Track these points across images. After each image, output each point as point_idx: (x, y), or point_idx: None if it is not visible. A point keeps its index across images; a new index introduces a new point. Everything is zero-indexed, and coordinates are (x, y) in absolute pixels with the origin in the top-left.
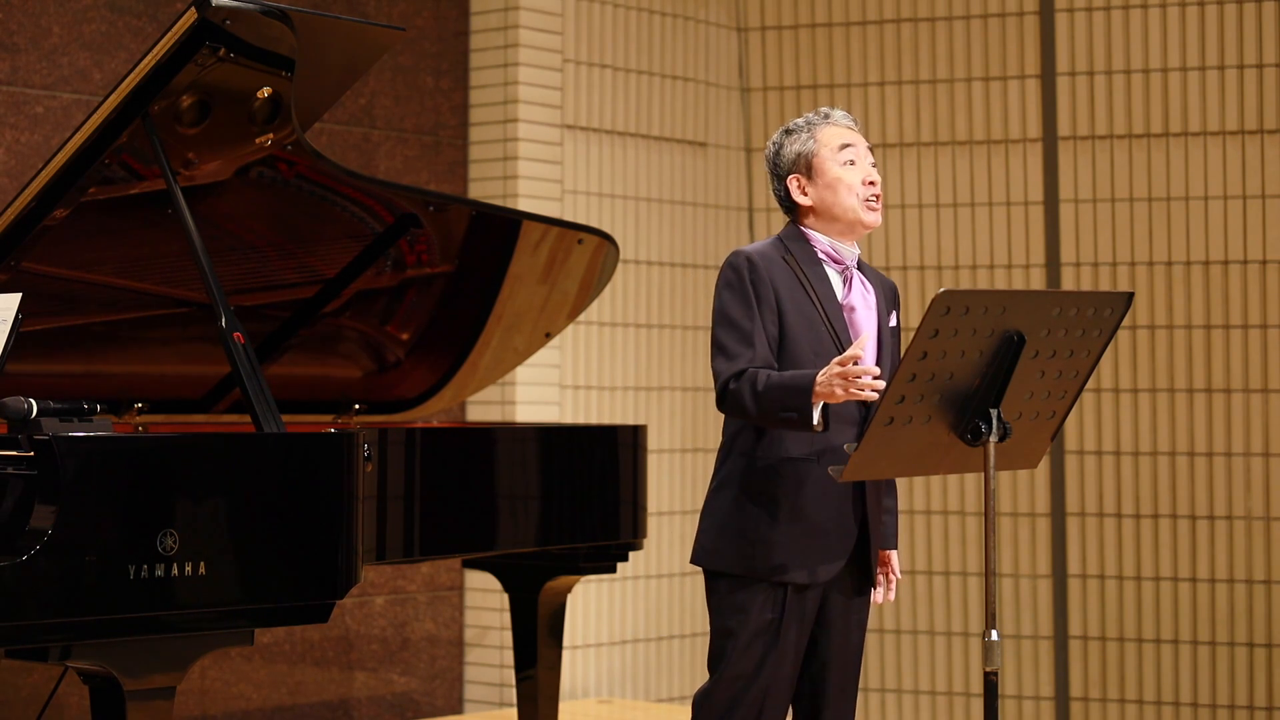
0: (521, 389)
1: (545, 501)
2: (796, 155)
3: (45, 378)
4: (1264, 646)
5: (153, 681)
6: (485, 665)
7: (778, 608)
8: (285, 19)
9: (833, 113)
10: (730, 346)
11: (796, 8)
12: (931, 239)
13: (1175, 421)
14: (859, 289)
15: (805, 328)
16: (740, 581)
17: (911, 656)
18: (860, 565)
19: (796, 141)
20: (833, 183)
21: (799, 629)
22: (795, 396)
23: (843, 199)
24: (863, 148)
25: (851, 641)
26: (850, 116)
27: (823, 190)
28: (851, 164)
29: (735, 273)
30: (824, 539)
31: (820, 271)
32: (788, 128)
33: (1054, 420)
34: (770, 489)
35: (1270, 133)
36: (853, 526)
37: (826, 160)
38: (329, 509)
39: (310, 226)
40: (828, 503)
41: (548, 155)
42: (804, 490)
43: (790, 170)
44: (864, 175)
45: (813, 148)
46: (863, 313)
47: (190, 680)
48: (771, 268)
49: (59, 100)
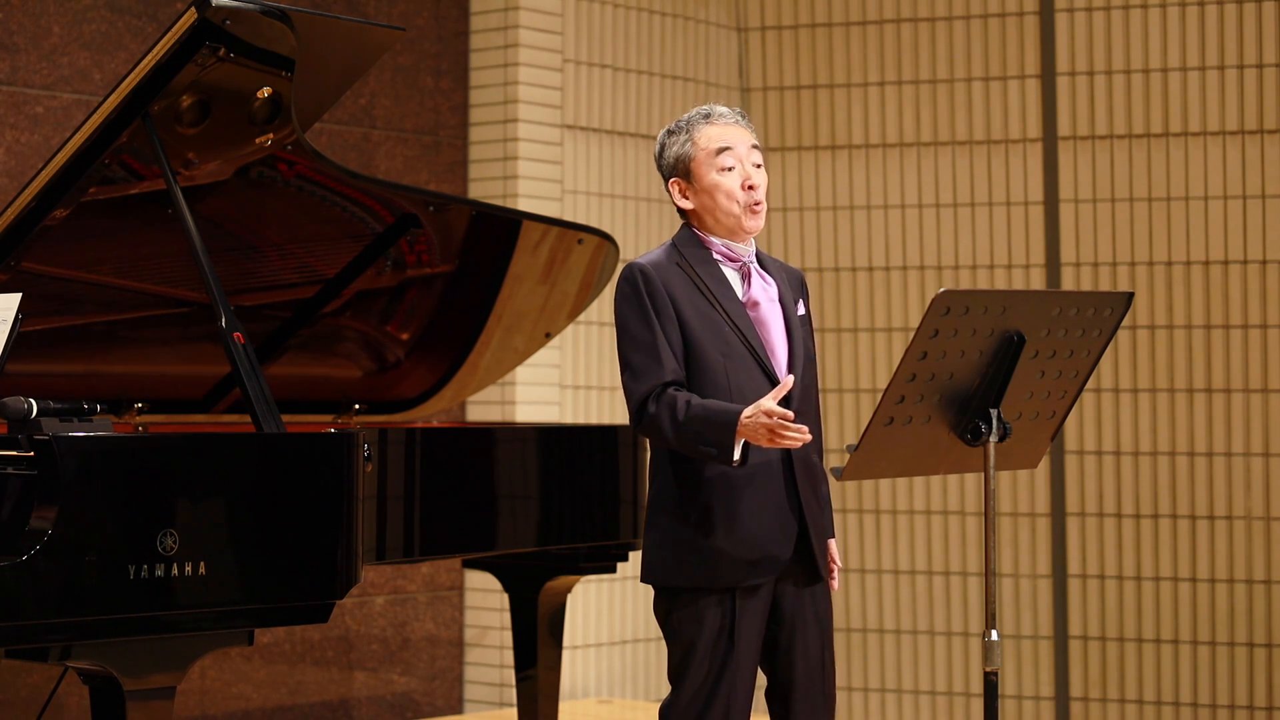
0: (521, 389)
1: (545, 501)
2: (676, 159)
3: (45, 378)
4: (1264, 646)
5: (153, 681)
6: (485, 665)
7: (729, 613)
8: (285, 19)
9: (714, 110)
10: (637, 364)
11: (796, 8)
12: (931, 239)
13: (1175, 421)
14: (759, 283)
15: (710, 332)
16: (691, 594)
17: (911, 656)
18: (805, 557)
19: (676, 144)
20: (711, 189)
21: (754, 631)
22: (717, 432)
23: (723, 205)
24: (744, 147)
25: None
26: (736, 112)
27: (702, 195)
28: (729, 170)
29: (630, 286)
30: (764, 539)
31: (716, 272)
32: (670, 128)
33: (1054, 420)
34: (704, 500)
35: (1270, 133)
36: (792, 521)
37: (704, 165)
38: (329, 509)
39: (310, 226)
40: (763, 504)
41: (548, 155)
42: (737, 495)
43: (672, 173)
44: (743, 179)
45: (690, 151)
46: (766, 306)
47: (190, 680)
48: (667, 276)
49: (59, 100)
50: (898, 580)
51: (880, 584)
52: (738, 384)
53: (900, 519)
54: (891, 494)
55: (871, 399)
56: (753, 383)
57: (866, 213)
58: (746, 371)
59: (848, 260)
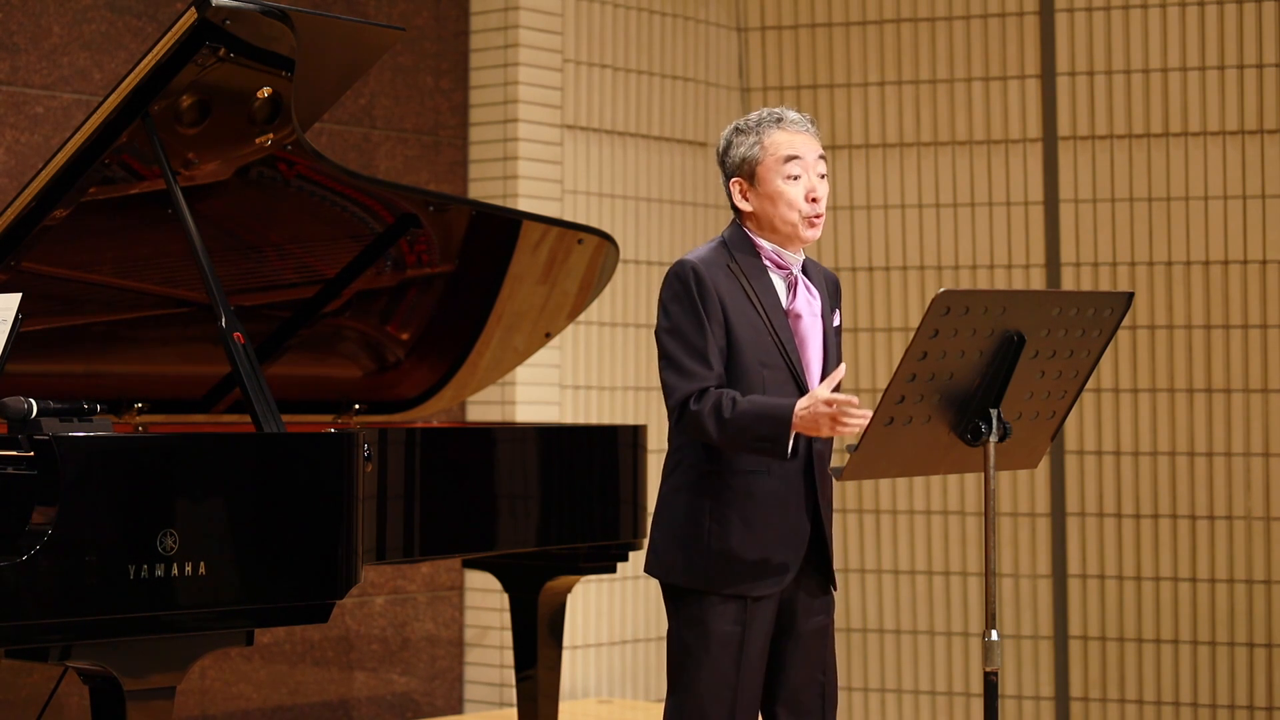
0: (521, 389)
1: (545, 501)
2: (742, 160)
3: (45, 378)
4: (1264, 646)
5: (153, 681)
6: (485, 665)
7: (739, 620)
8: (285, 19)
9: (786, 115)
10: (685, 364)
11: (796, 8)
12: (931, 239)
13: (1175, 421)
14: (804, 295)
15: (751, 337)
16: (698, 595)
17: (911, 656)
18: (820, 566)
19: (744, 145)
20: (774, 195)
21: (762, 639)
22: (772, 426)
23: (783, 213)
24: (812, 158)
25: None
26: (806, 119)
27: (764, 200)
28: (795, 179)
29: (682, 284)
30: (779, 546)
31: (765, 279)
32: (738, 125)
33: (1054, 420)
34: (721, 501)
35: (1270, 133)
36: (807, 528)
37: (770, 171)
38: (329, 509)
39: (310, 226)
40: (780, 511)
41: (548, 155)
42: (755, 500)
43: (735, 173)
44: (808, 190)
45: (758, 154)
46: (808, 319)
47: (190, 680)
48: (716, 276)
49: (59, 100)
50: (898, 580)
51: (880, 584)
52: (772, 394)
53: (900, 519)
54: (891, 494)
55: (871, 399)
56: (785, 394)
57: (866, 213)
58: (781, 383)
59: (848, 260)
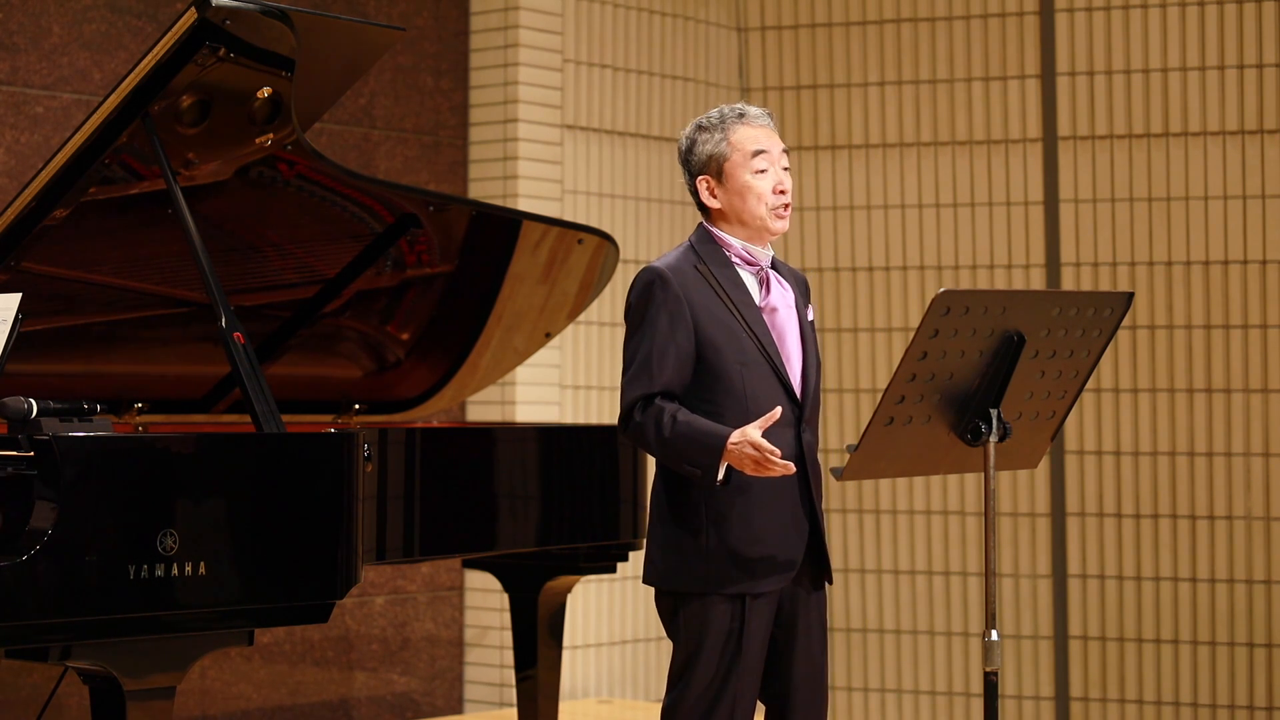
0: (521, 389)
1: (545, 501)
2: (709, 157)
3: (45, 378)
4: (1264, 646)
5: (153, 681)
6: (485, 665)
7: (737, 619)
8: (285, 19)
9: (748, 110)
10: (633, 370)
11: (796, 8)
12: (931, 239)
13: (1175, 421)
14: (777, 289)
15: (727, 339)
16: (697, 598)
17: (911, 656)
18: (816, 559)
19: (710, 141)
20: (743, 190)
21: (761, 635)
22: (703, 454)
23: (752, 207)
24: (776, 151)
25: (814, 638)
26: (766, 113)
27: (732, 195)
28: (763, 172)
29: (646, 290)
30: (775, 543)
31: (735, 277)
32: (700, 123)
33: (1054, 420)
34: (715, 502)
35: (1270, 133)
36: (803, 521)
37: (738, 166)
38: (329, 509)
39: (310, 226)
40: (774, 506)
41: (547, 155)
42: (748, 498)
43: (702, 170)
44: (775, 183)
45: (725, 150)
46: (783, 312)
47: (190, 680)
48: (685, 280)
49: (59, 100)
50: (898, 580)
51: (880, 584)
52: (753, 391)
53: (900, 519)
54: (891, 494)
55: (871, 399)
56: (768, 390)
57: (866, 213)
58: (762, 379)
59: (848, 260)
